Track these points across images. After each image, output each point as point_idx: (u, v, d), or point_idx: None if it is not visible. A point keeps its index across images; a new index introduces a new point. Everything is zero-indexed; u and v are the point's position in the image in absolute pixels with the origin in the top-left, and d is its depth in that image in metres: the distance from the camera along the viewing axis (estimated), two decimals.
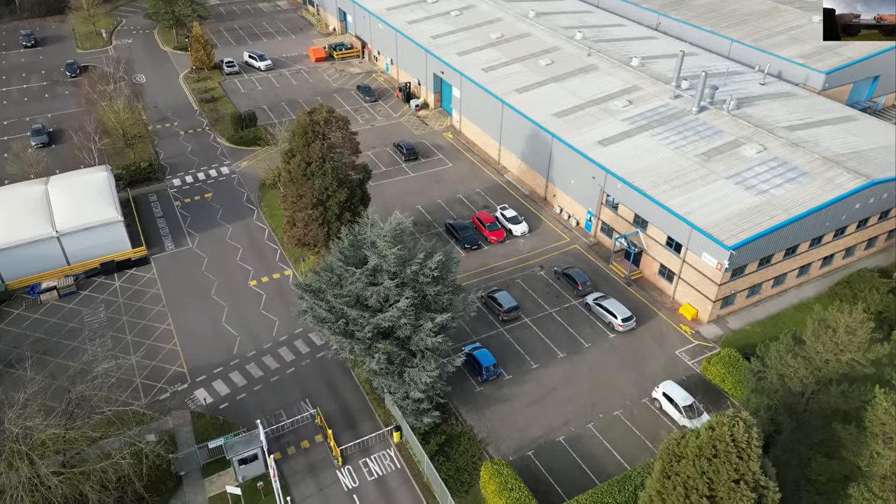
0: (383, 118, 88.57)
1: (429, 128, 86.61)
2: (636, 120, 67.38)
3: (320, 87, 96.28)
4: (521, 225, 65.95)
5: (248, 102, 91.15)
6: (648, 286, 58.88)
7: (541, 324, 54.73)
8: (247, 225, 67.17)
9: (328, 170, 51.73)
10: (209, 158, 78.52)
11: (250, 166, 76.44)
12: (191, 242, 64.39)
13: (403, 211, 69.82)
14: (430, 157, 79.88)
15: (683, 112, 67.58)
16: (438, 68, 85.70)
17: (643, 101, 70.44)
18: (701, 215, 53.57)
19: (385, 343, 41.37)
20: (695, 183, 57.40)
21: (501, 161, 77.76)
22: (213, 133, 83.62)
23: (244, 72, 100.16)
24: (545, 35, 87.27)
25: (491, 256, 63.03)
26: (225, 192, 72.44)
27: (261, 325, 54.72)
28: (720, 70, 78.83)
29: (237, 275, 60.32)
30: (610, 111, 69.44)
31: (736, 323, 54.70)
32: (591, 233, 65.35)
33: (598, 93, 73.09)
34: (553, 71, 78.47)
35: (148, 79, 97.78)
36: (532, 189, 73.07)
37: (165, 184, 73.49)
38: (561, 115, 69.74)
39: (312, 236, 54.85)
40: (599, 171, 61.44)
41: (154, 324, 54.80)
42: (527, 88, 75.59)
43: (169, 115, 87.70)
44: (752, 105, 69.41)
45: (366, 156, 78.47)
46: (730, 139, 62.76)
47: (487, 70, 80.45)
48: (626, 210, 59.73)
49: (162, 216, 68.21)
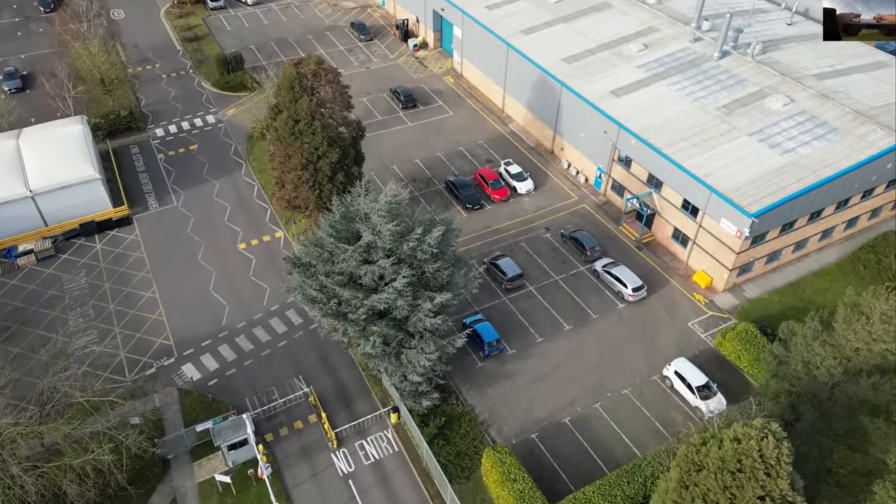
0: (379, 59, 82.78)
1: (428, 70, 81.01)
2: (652, 67, 62.18)
3: (312, 25, 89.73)
4: (527, 182, 62.00)
5: (235, 42, 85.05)
6: (661, 250, 55.63)
7: (546, 292, 51.84)
8: (235, 181, 63.21)
9: (318, 128, 47.48)
10: (194, 105, 73.53)
11: (238, 114, 71.63)
12: (175, 200, 60.67)
13: (402, 164, 66.23)
14: (429, 104, 74.85)
15: (704, 58, 62.27)
16: (438, 4, 79.25)
17: (660, 45, 64.92)
18: (721, 177, 49.67)
19: (380, 325, 38.55)
20: (715, 140, 53.12)
21: (506, 109, 72.80)
22: (198, 77, 78.15)
23: (230, 6, 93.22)
24: None
25: (494, 217, 59.44)
26: (211, 143, 67.99)
27: (251, 294, 51.86)
28: (744, 7, 72.62)
29: (225, 237, 56.96)
30: (624, 56, 64.07)
31: (753, 291, 51.78)
32: (601, 191, 61.46)
33: (611, 35, 67.37)
34: (563, 9, 72.30)
35: (126, 14, 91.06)
36: (538, 141, 68.58)
37: (147, 134, 68.92)
38: (571, 61, 64.43)
39: (303, 199, 51.18)
40: (612, 126, 56.98)
41: (138, 291, 51.93)
42: (534, 29, 69.75)
43: (150, 56, 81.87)
44: (779, 49, 63.94)
45: (361, 103, 73.76)
46: (754, 90, 57.89)
47: (491, 7, 74.20)
48: (640, 168, 55.70)
49: (144, 171, 64.15)
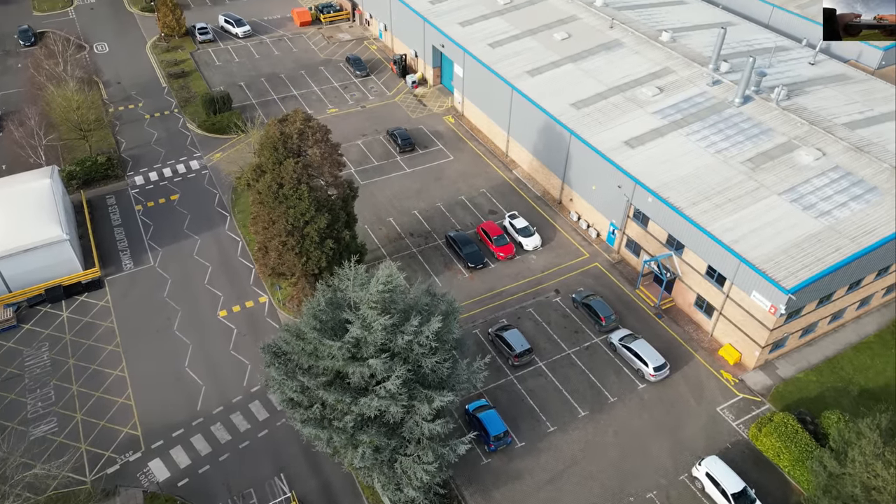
0: (376, 97, 78.37)
1: (427, 109, 76.55)
2: (669, 113, 57.62)
3: (305, 59, 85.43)
4: (534, 238, 57.20)
5: (223, 78, 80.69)
6: (682, 319, 50.69)
7: (558, 369, 46.83)
8: (218, 236, 58.39)
9: (304, 192, 42.76)
10: (177, 149, 68.92)
11: (224, 159, 66.97)
12: (152, 259, 55.81)
13: (399, 216, 61.48)
14: (428, 147, 70.25)
15: (724, 103, 57.73)
16: (438, 41, 74.97)
17: (676, 89, 60.42)
18: (751, 244, 44.85)
19: (371, 433, 33.53)
20: (742, 199, 48.37)
21: (510, 154, 68.20)
22: (183, 117, 73.63)
23: (219, 39, 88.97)
24: (560, 1, 76.01)
25: (499, 277, 54.57)
26: (194, 192, 63.26)
27: (230, 371, 46.82)
28: (763, 45, 68.33)
29: (205, 302, 52.04)
30: (637, 101, 59.54)
31: (787, 369, 46.76)
32: (615, 248, 56.66)
33: (622, 76, 62.91)
34: (570, 47, 67.92)
35: (111, 48, 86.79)
36: (545, 190, 63.87)
37: (126, 182, 64.21)
38: (580, 106, 59.88)
39: (288, 266, 46.37)
40: (626, 181, 52.30)
41: (105, 369, 46.88)
42: (540, 70, 65.30)
43: (133, 95, 77.42)
44: (804, 93, 59.46)
45: (355, 146, 69.35)
46: (781, 140, 53.27)
47: (494, 45, 69.84)
48: (658, 228, 50.93)
49: (120, 224, 59.35)
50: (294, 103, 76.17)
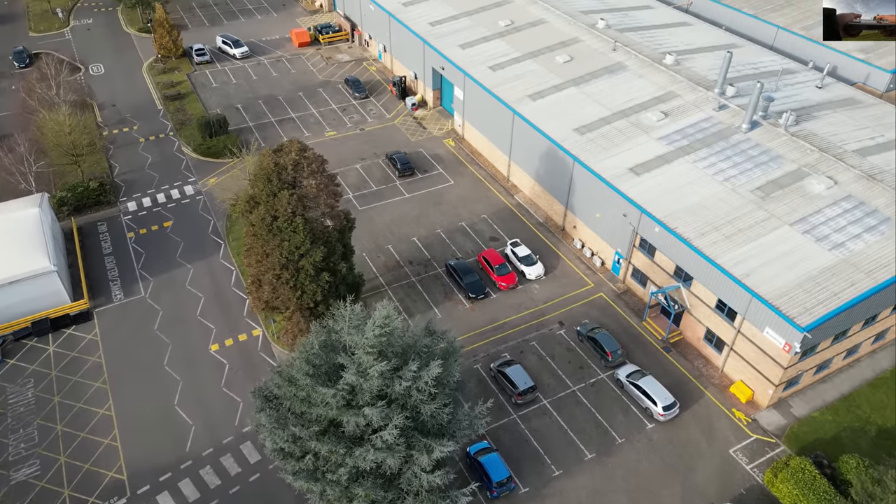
0: (375, 119, 77.10)
1: (427, 132, 75.23)
2: (674, 139, 56.21)
3: (303, 80, 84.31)
4: (536, 267, 55.56)
5: (220, 100, 79.49)
6: (691, 353, 48.90)
7: (563, 408, 44.97)
8: (211, 265, 56.75)
9: (299, 225, 41.15)
10: (172, 174, 67.49)
11: (220, 184, 65.48)
12: (143, 290, 54.12)
13: (397, 243, 59.89)
14: (428, 171, 68.83)
15: (731, 129, 56.34)
16: (438, 63, 73.83)
17: (682, 114, 59.08)
18: (763, 278, 43.18)
19: (366, 485, 31.66)
20: (752, 231, 46.77)
21: (511, 178, 66.76)
22: (178, 140, 72.31)
23: (216, 60, 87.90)
24: (562, 23, 75.00)
25: (501, 308, 52.85)
26: (188, 219, 61.73)
27: (221, 409, 44.96)
28: (769, 68, 67.12)
29: (196, 335, 50.28)
30: (642, 126, 58.17)
31: (801, 408, 44.88)
32: (620, 277, 54.99)
33: (626, 100, 61.60)
34: (572, 70, 66.70)
35: (106, 69, 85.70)
36: (547, 216, 62.34)
37: (118, 208, 62.69)
38: (584, 131, 58.50)
39: (283, 300, 44.65)
40: (632, 209, 50.75)
41: (91, 407, 45.01)
42: (541, 94, 64.02)
43: (128, 117, 76.13)
44: (812, 118, 58.11)
45: (354, 170, 67.97)
46: (791, 168, 51.80)
47: (495, 68, 68.65)
48: (665, 259, 49.30)
49: (111, 253, 57.74)
50: (291, 126, 74.95)
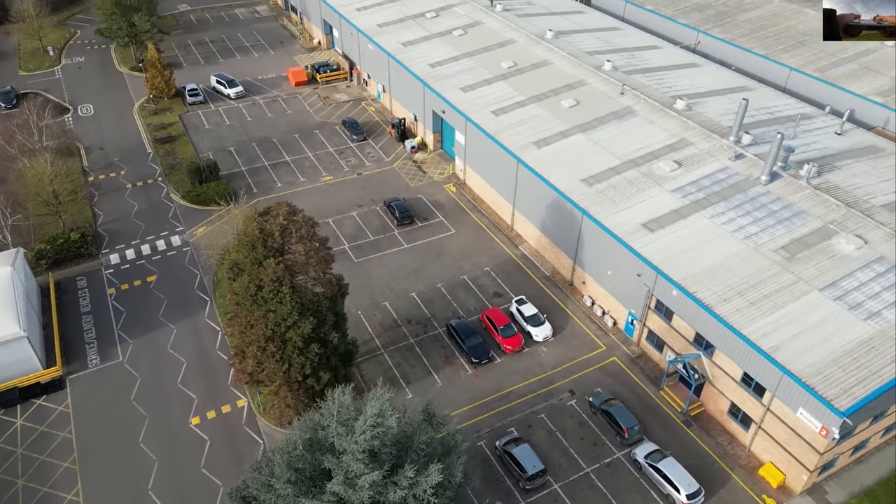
0: (373, 163, 74.09)
1: (427, 177, 72.15)
2: (689, 191, 52.97)
3: (299, 121, 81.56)
4: (544, 327, 51.88)
5: (212, 142, 76.57)
6: (714, 428, 44.96)
7: (576, 493, 40.90)
8: (196, 325, 53.08)
9: (286, 295, 37.62)
10: (158, 223, 64.17)
11: (207, 234, 62.14)
12: (121, 354, 50.38)
13: (395, 300, 56.31)
14: (428, 219, 65.54)
15: (749, 181, 53.14)
16: (438, 106, 71.06)
17: (696, 163, 55.96)
18: (794, 352, 39.49)
19: None
20: (779, 296, 43.19)
21: (515, 227, 63.44)
22: (167, 186, 69.18)
23: (210, 100, 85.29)
24: (567, 64, 72.42)
25: (506, 374, 49.04)
26: (173, 273, 58.21)
27: (199, 495, 40.87)
28: (784, 112, 64.29)
29: (176, 407, 46.39)
30: (654, 177, 55.00)
31: (838, 494, 40.81)
32: (634, 340, 51.28)
33: (636, 148, 58.54)
34: (579, 115, 63.80)
35: (96, 110, 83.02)
36: (554, 269, 58.85)
37: (100, 261, 59.22)
38: (592, 182, 55.30)
39: (268, 373, 40.94)
40: (647, 269, 47.28)
41: (58, 492, 40.92)
42: (547, 141, 61.02)
43: (116, 161, 73.12)
44: (834, 168, 55.01)
45: (350, 217, 64.75)
46: (816, 225, 48.43)
47: (498, 113, 65.79)
48: (684, 324, 45.67)
49: (90, 311, 54.10)
50: (286, 170, 71.90)
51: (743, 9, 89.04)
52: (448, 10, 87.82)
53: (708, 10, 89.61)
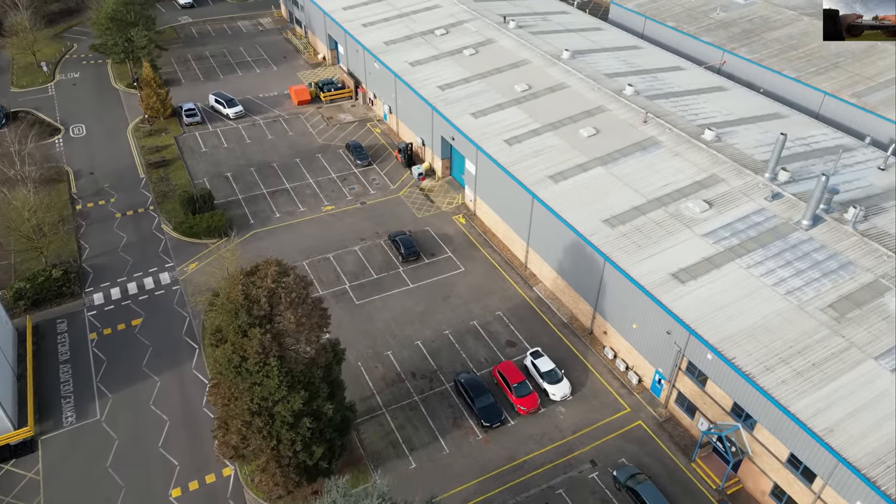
0: (378, 191, 69.75)
1: (435, 207, 67.72)
2: (722, 236, 48.26)
3: (301, 144, 77.39)
4: (562, 385, 47.28)
5: (208, 167, 72.48)
6: None
7: None
8: (182, 377, 48.84)
9: (273, 369, 33.26)
10: (148, 257, 60.04)
11: (200, 271, 57.95)
12: (99, 410, 46.15)
13: (399, 349, 51.90)
14: (436, 254, 61.10)
15: (789, 225, 48.40)
16: (448, 132, 66.69)
17: (728, 203, 51.26)
18: (851, 436, 34.74)
19: None
20: (830, 366, 38.44)
21: (529, 266, 58.90)
22: (158, 216, 65.07)
23: (208, 120, 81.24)
24: (585, 88, 67.84)
25: (520, 440, 44.42)
26: (160, 315, 54.01)
27: None
28: (821, 143, 59.54)
29: (156, 475, 42.05)
30: (683, 218, 50.31)
31: None
32: (662, 400, 46.61)
33: (662, 185, 53.90)
34: (599, 146, 59.23)
35: (88, 131, 79.14)
36: (572, 315, 54.26)
37: (83, 301, 55.14)
38: (614, 223, 50.69)
39: (254, 449, 36.58)
40: (677, 327, 42.64)
41: None
42: (564, 174, 56.46)
43: (105, 188, 69.13)
44: (882, 210, 50.17)
45: (352, 253, 60.48)
46: (867, 279, 43.62)
47: (511, 142, 61.30)
48: (720, 391, 40.97)
49: (68, 360, 49.95)
50: (285, 199, 67.67)
51: (770, 26, 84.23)
52: (459, 26, 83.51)
53: (733, 28, 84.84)
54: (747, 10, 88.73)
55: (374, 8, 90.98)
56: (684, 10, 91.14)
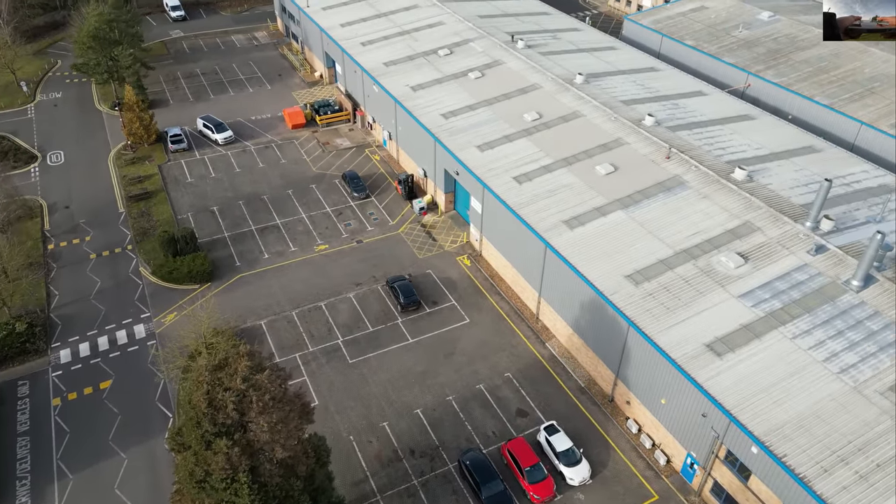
0: (376, 228, 64.38)
1: (437, 246, 62.32)
2: (761, 297, 42.72)
3: (294, 173, 72.07)
4: (581, 467, 41.77)
5: (193, 200, 67.18)
6: None
7: None
8: (152, 454, 43.42)
9: (243, 487, 27.88)
10: (122, 306, 54.72)
11: (179, 322, 52.66)
12: (58, 496, 40.71)
13: (396, 419, 46.36)
14: (438, 302, 55.71)
15: (836, 286, 42.85)
16: (451, 165, 61.31)
17: (766, 257, 45.72)
18: None
19: None
20: None
21: (541, 318, 53.49)
22: (136, 257, 59.81)
23: (196, 146, 76.01)
24: (601, 118, 62.40)
25: None
26: (132, 376, 48.66)
27: None
28: (863, 183, 54.04)
29: None
30: (716, 275, 44.79)
31: None
32: (694, 487, 41.08)
33: (691, 233, 48.42)
34: (618, 186, 53.75)
35: (67, 158, 73.93)
36: (591, 378, 48.82)
37: (48, 359, 49.87)
38: (639, 280, 45.20)
39: None
40: (714, 410, 37.17)
41: None
42: (581, 219, 51.00)
43: (82, 224, 63.85)
44: None
45: (346, 300, 55.28)
46: None
47: (521, 179, 55.89)
48: (766, 489, 35.47)
49: (27, 431, 44.61)
50: (275, 237, 62.36)
51: (798, 46, 78.73)
52: (464, 46, 78.15)
53: (758, 48, 79.31)
54: (772, 28, 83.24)
55: (373, 25, 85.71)
56: (704, 27, 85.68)
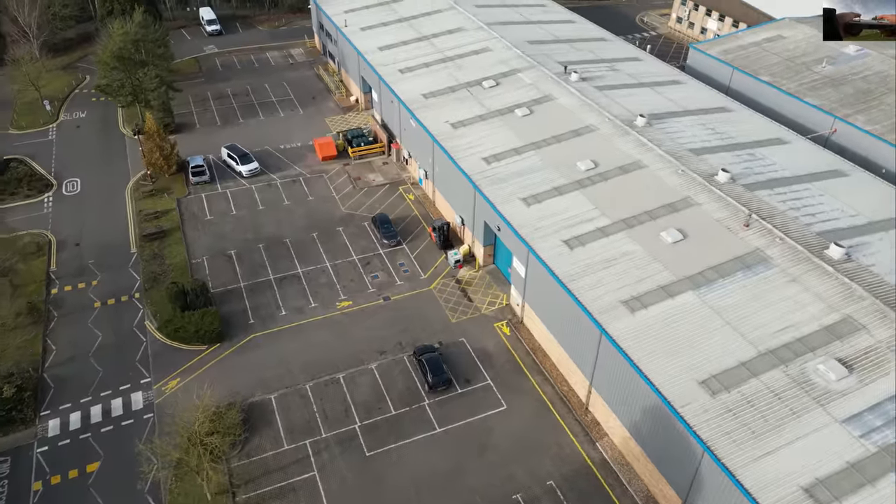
0: (405, 282, 57.84)
1: (473, 307, 55.41)
2: (871, 424, 34.56)
3: (321, 212, 66.10)
4: None
5: (211, 241, 61.74)
6: None
7: None
8: None
9: None
10: (121, 368, 49.30)
11: (183, 391, 46.96)
12: None
13: None
14: (471, 381, 48.80)
15: None
16: (492, 219, 54.38)
17: (874, 367, 37.46)
18: None
19: None
20: None
21: (591, 409, 46.08)
22: (143, 308, 54.54)
23: (219, 177, 70.71)
24: (666, 170, 54.62)
25: None
26: (123, 459, 42.80)
27: None
28: None
29: None
30: (812, 388, 36.77)
31: None
32: None
33: (779, 328, 40.29)
34: (688, 259, 45.96)
35: (83, 187, 69.48)
36: (649, 494, 41.16)
37: (35, 431, 44.66)
38: (716, 388, 37.44)
39: None
40: None
41: None
42: (642, 300, 43.36)
43: (89, 265, 58.95)
44: None
45: (368, 372, 49.22)
46: None
47: (573, 244, 48.57)
48: None
49: None
50: (295, 289, 56.39)
51: (890, 87, 69.41)
52: (511, 76, 71.11)
53: (844, 87, 70.27)
54: (860, 64, 73.98)
55: (415, 49, 79.40)
56: (781, 60, 76.86)
